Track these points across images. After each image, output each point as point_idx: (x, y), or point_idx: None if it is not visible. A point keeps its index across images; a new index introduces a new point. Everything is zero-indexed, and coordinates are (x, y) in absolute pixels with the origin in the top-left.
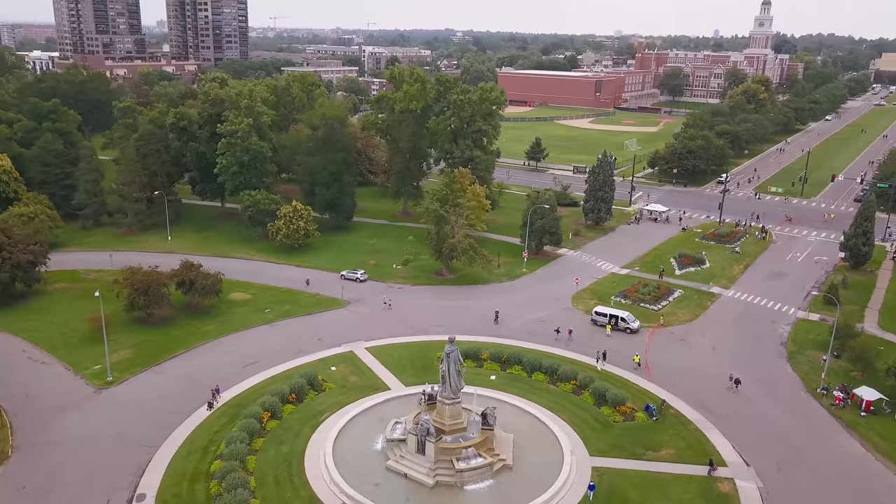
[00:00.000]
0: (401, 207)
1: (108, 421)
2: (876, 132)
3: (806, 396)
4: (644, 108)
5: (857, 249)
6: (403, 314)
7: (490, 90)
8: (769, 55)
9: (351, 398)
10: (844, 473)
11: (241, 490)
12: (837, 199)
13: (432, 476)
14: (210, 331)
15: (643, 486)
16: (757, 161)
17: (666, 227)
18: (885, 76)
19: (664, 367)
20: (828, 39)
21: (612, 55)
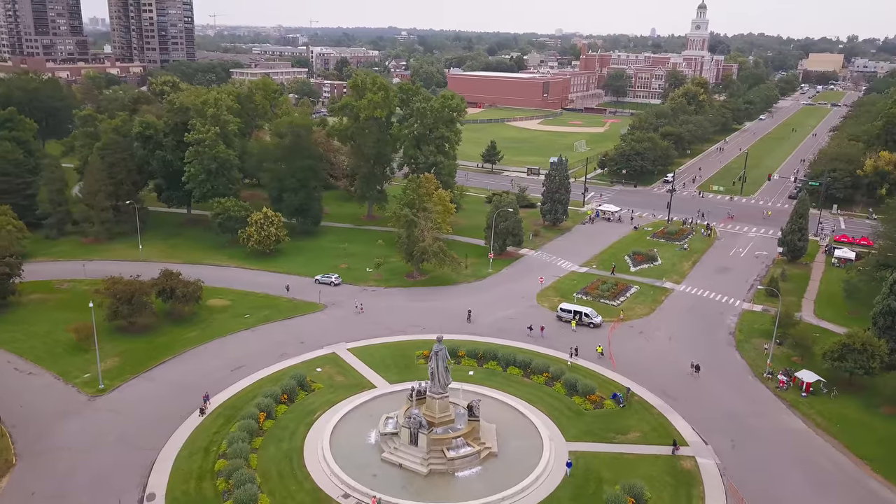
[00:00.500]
0: (365, 211)
1: (107, 427)
2: (806, 131)
3: (754, 380)
4: (590, 109)
5: (794, 244)
6: (380, 316)
7: (451, 98)
8: (706, 57)
9: (340, 397)
10: (790, 448)
11: (250, 485)
12: (774, 197)
13: (426, 465)
14: (194, 337)
15: (615, 467)
16: (699, 160)
17: (618, 227)
18: (812, 76)
19: (627, 358)
20: (758, 39)
21: (555, 55)
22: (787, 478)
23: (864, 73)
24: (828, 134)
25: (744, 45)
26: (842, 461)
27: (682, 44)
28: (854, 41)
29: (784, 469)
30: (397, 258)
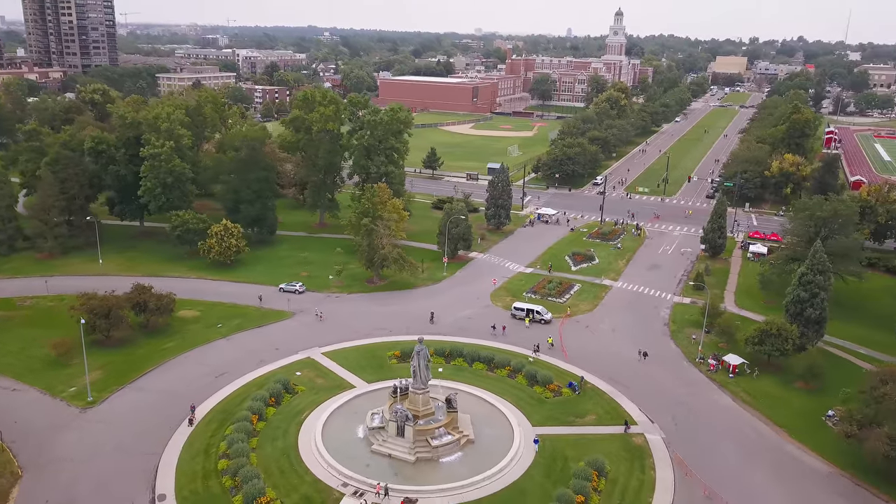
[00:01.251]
0: (317, 219)
1: (103, 436)
2: (717, 132)
3: (688, 365)
4: (518, 113)
5: (714, 242)
6: (347, 320)
7: (399, 111)
8: (623, 61)
9: (323, 397)
10: (722, 421)
11: (256, 480)
12: (693, 196)
13: (413, 454)
14: (172, 348)
15: (577, 446)
16: (624, 162)
17: (556, 229)
18: (720, 78)
19: (577, 350)
20: (668, 40)
21: (480, 58)
22: (721, 447)
23: (766, 75)
24: (737, 135)
25: (656, 48)
26: (764, 430)
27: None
28: (755, 43)
29: (718, 439)
30: (356, 265)
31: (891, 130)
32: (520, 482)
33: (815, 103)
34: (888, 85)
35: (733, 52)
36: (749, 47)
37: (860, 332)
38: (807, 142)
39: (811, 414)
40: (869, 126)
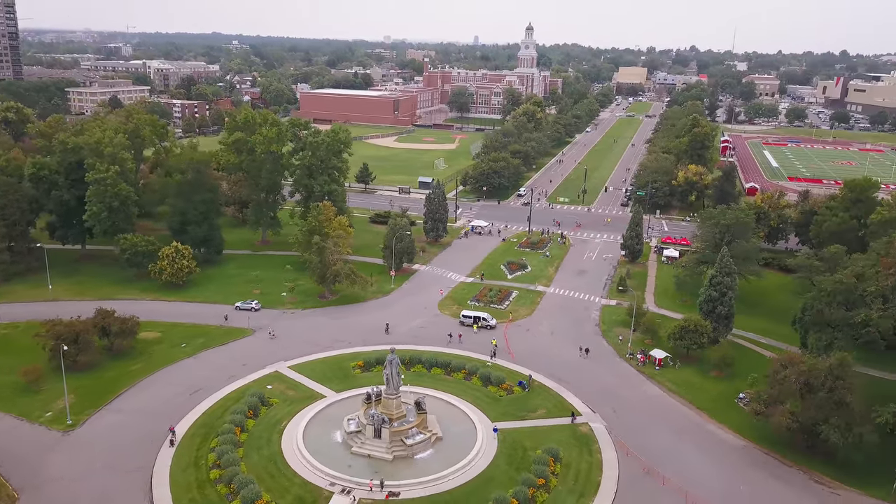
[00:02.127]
0: (259, 237)
1: (91, 456)
2: (625, 141)
3: (620, 361)
4: (438, 125)
5: (633, 247)
6: (307, 335)
7: (340, 131)
8: (535, 74)
9: (297, 408)
10: (653, 408)
11: (251, 486)
12: (609, 205)
13: (390, 453)
14: (140, 369)
15: (533, 437)
16: (543, 174)
17: (489, 239)
18: (623, 88)
19: (522, 351)
20: (573, 50)
21: (395, 68)
22: (654, 429)
23: (665, 85)
24: (644, 145)
25: (562, 57)
26: (689, 413)
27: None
28: (653, 52)
29: (651, 423)
30: (306, 281)
31: (777, 138)
32: (487, 471)
33: (710, 112)
34: (772, 94)
35: (633, 61)
36: (647, 57)
37: (762, 324)
38: (707, 152)
39: (725, 397)
40: (758, 134)
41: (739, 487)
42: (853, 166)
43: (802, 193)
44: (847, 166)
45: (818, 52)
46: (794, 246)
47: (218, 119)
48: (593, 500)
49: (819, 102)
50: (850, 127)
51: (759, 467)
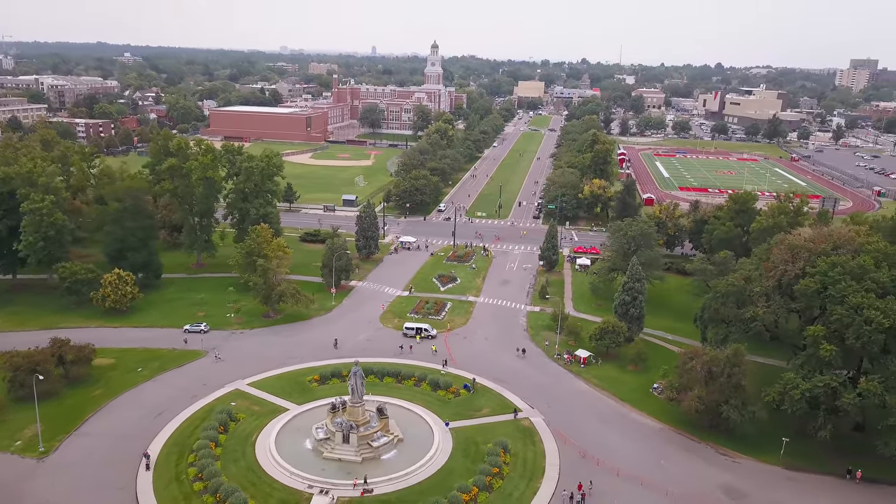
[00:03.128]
0: (194, 260)
1: (72, 478)
2: (530, 155)
3: (549, 361)
4: (352, 141)
5: (550, 258)
6: (259, 353)
7: (273, 157)
8: (442, 90)
9: (265, 421)
10: (582, 401)
11: (238, 493)
12: (523, 218)
13: (359, 455)
14: (101, 394)
15: (482, 433)
16: (458, 189)
17: (419, 254)
18: (524, 102)
19: (463, 357)
20: (472, 62)
21: (300, 83)
22: (585, 419)
23: (563, 99)
24: (549, 159)
25: (461, 70)
26: (613, 404)
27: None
28: (547, 65)
29: (582, 415)
30: (248, 301)
31: (666, 149)
32: (447, 465)
33: (605, 125)
34: (658, 106)
35: (530, 74)
36: (542, 70)
37: (667, 323)
38: (609, 167)
39: (642, 388)
40: (649, 145)
41: (660, 462)
42: (733, 175)
43: (693, 204)
44: (728, 175)
45: (696, 65)
46: (689, 251)
47: (126, 138)
48: (541, 482)
49: (701, 114)
50: (728, 138)
51: (675, 445)
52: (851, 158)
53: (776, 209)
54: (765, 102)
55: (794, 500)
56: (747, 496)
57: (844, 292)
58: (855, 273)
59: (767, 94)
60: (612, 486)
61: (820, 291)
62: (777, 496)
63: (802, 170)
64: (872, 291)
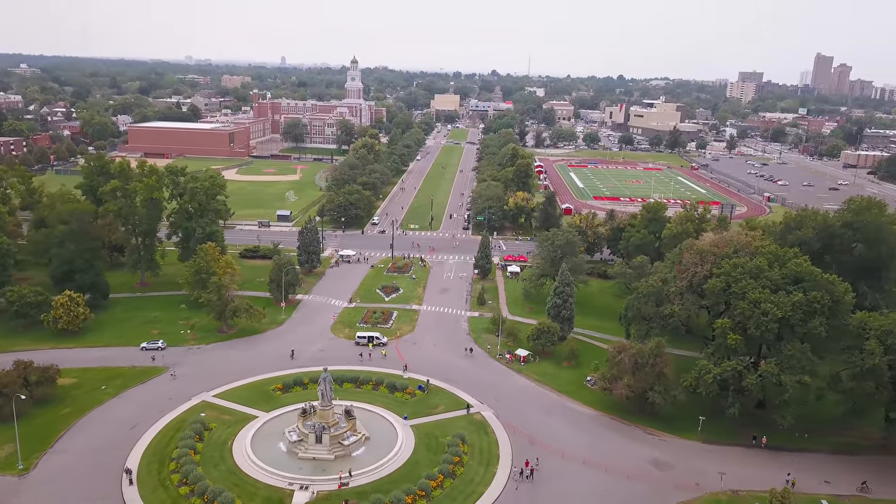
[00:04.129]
0: (137, 279)
1: (57, 493)
2: (453, 168)
3: (492, 361)
4: (276, 156)
5: (483, 266)
6: (219, 366)
7: (216, 177)
8: (363, 104)
9: (237, 428)
10: (525, 395)
11: (225, 493)
12: (454, 229)
13: (332, 454)
14: (70, 413)
15: (440, 428)
16: (389, 202)
17: (359, 266)
18: (442, 115)
19: (414, 361)
20: (385, 74)
21: (216, 97)
22: (530, 411)
23: (478, 112)
24: (472, 172)
25: (375, 83)
26: (553, 396)
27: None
28: (459, 77)
29: (527, 407)
30: (200, 318)
31: (579, 160)
32: (413, 457)
33: (520, 138)
34: (568, 118)
35: (444, 87)
36: (456, 83)
37: (594, 322)
38: (530, 180)
39: (577, 381)
40: (562, 157)
41: (598, 444)
42: (641, 184)
43: (609, 213)
44: (636, 184)
45: (600, 76)
46: (608, 257)
47: (41, 157)
48: (497, 467)
49: (608, 125)
50: (634, 148)
51: (609, 428)
52: (744, 166)
53: (683, 217)
54: (665, 114)
55: (711, 466)
56: (673, 467)
57: (745, 289)
58: (753, 273)
59: (668, 106)
60: (559, 466)
61: (725, 289)
62: (697, 465)
63: (702, 178)
64: (767, 288)
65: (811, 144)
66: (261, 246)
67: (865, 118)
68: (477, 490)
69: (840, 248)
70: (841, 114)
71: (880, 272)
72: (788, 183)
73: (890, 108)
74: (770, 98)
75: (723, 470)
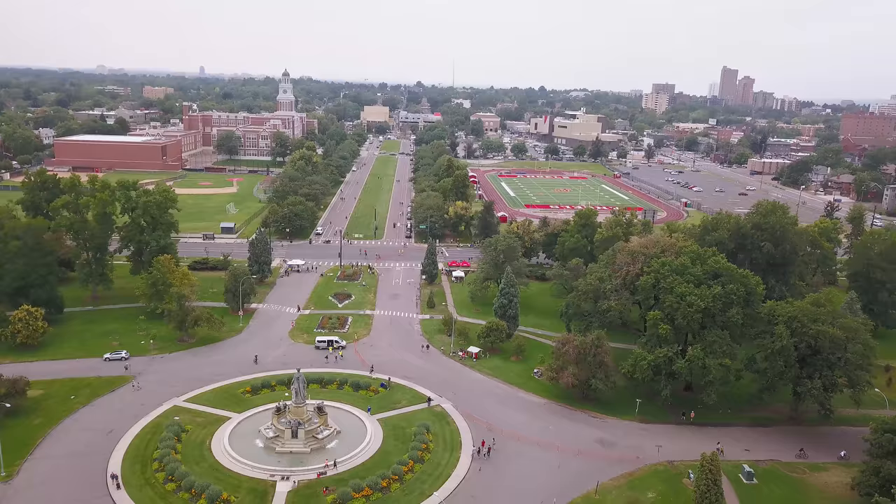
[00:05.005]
0: (89, 293)
1: (44, 497)
2: (389, 179)
3: (447, 359)
4: (211, 169)
5: (431, 272)
6: (185, 373)
7: (167, 191)
8: (295, 116)
9: (212, 429)
10: (480, 387)
11: (212, 486)
12: (397, 238)
13: (308, 447)
14: (43, 422)
15: (405, 420)
16: (330, 212)
17: (309, 275)
18: (373, 126)
19: (374, 362)
20: (310, 85)
21: (141, 108)
22: (485, 401)
23: (409, 123)
24: (408, 182)
25: (303, 95)
26: (504, 387)
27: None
28: (385, 88)
29: (482, 398)
30: (159, 328)
31: (508, 170)
32: (383, 447)
33: (452, 149)
34: (495, 129)
35: (372, 98)
36: (382, 94)
37: (535, 320)
38: (468, 190)
39: (525, 373)
40: (493, 167)
41: (549, 428)
42: (568, 192)
43: (542, 220)
44: (564, 192)
45: (522, 87)
46: (543, 260)
47: None
48: (460, 451)
49: (533, 136)
50: (560, 158)
51: (557, 414)
52: (661, 174)
53: (613, 222)
54: (587, 125)
55: (648, 442)
56: (616, 444)
57: (672, 285)
58: (678, 270)
59: (589, 117)
60: (516, 448)
61: (654, 285)
62: (636, 441)
63: (624, 185)
64: (691, 283)
65: (721, 153)
66: (209, 258)
67: (768, 127)
68: (445, 472)
69: (751, 246)
70: (746, 124)
71: (785, 267)
72: (702, 189)
73: (790, 117)
74: (682, 109)
75: (659, 444)
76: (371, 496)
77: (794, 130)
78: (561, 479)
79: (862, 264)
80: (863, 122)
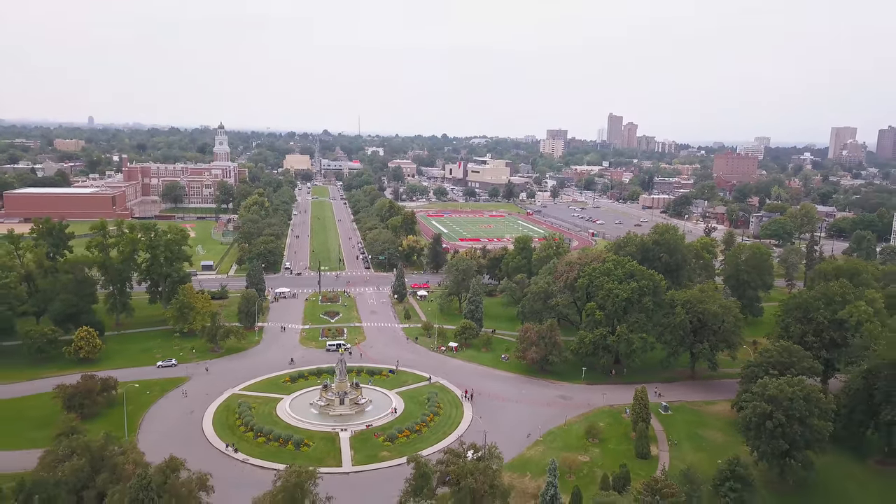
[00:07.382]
0: (114, 320)
1: (165, 448)
2: (331, 220)
3: (431, 352)
4: (160, 216)
5: (401, 292)
6: (230, 374)
7: (182, 230)
8: (231, 166)
9: (273, 405)
10: (464, 370)
11: (295, 435)
12: (357, 269)
13: (353, 410)
14: (135, 409)
15: (416, 393)
16: (289, 249)
17: (295, 301)
18: (299, 175)
19: (378, 358)
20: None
21: (66, 161)
22: (471, 378)
23: (332, 170)
24: (351, 222)
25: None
26: (482, 369)
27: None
28: (293, 137)
29: (467, 376)
30: (191, 343)
31: (435, 210)
32: (406, 410)
33: (381, 192)
34: (412, 175)
35: (287, 148)
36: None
37: (492, 323)
38: (415, 226)
39: (495, 359)
40: (420, 208)
41: (521, 391)
42: (492, 228)
43: (483, 248)
44: (488, 228)
45: (426, 135)
46: (487, 280)
47: None
48: (463, 408)
49: (448, 180)
50: (477, 199)
51: (525, 383)
52: (567, 211)
53: (545, 245)
54: (497, 170)
55: (594, 395)
56: (572, 398)
57: (602, 283)
58: (605, 272)
59: (498, 162)
60: (499, 405)
61: (588, 284)
62: (586, 395)
63: (538, 220)
64: (615, 280)
65: (616, 191)
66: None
67: (653, 168)
68: (456, 420)
69: (652, 257)
70: (634, 165)
71: (678, 272)
72: (604, 222)
73: (670, 158)
74: (577, 153)
75: (604, 393)
76: (410, 436)
77: (675, 170)
78: (538, 419)
79: (733, 268)
80: (731, 161)
